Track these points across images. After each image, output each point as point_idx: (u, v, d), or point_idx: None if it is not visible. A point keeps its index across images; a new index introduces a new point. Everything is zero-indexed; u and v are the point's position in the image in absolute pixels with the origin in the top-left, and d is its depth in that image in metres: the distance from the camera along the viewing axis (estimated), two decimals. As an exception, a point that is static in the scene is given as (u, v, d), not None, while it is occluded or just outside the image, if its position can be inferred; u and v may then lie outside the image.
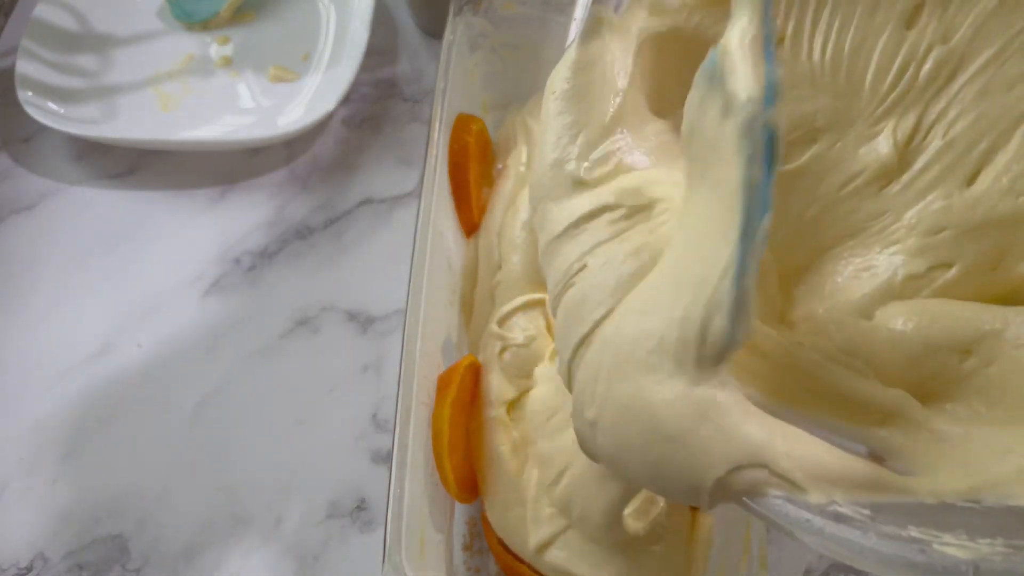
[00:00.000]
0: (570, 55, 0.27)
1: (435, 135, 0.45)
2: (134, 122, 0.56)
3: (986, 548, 0.17)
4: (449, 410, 0.39)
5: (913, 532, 0.18)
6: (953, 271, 0.24)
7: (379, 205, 0.55)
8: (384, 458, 0.46)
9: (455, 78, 0.48)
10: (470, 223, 0.48)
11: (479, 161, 0.47)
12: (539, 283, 0.45)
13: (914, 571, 0.17)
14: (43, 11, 0.59)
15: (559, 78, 0.27)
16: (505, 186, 0.47)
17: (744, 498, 0.20)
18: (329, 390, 0.48)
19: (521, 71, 0.51)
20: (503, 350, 0.43)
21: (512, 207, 0.46)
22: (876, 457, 0.21)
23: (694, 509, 0.39)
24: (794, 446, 0.20)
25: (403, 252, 0.43)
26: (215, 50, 0.61)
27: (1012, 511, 0.18)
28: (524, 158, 0.48)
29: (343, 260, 0.53)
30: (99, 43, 0.60)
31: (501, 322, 0.44)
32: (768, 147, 0.19)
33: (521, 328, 0.43)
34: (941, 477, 0.20)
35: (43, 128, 0.55)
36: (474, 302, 0.46)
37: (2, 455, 0.46)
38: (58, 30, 0.59)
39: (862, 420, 0.22)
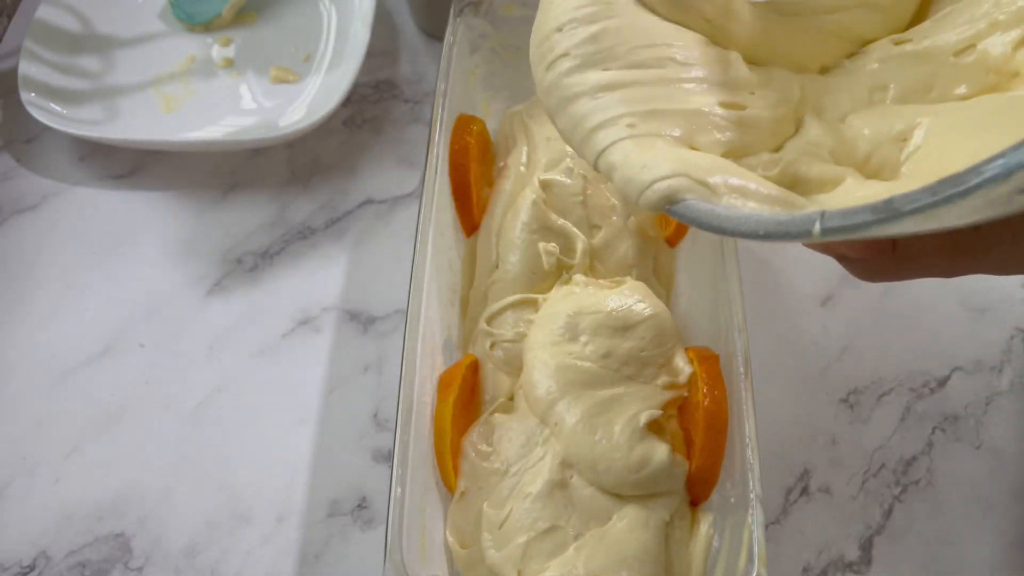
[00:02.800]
0: None
1: (436, 136, 0.45)
2: (136, 123, 0.57)
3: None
4: (451, 409, 0.39)
5: None
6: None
7: (380, 205, 0.56)
8: (385, 457, 0.46)
9: (456, 79, 0.48)
10: (471, 223, 0.48)
11: (479, 161, 0.48)
12: (534, 284, 0.45)
13: (777, 226, 0.21)
14: (45, 12, 0.59)
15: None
16: (504, 186, 0.48)
17: (666, 206, 0.23)
18: (330, 389, 0.48)
19: (521, 72, 0.51)
20: (493, 346, 0.43)
21: (512, 207, 0.47)
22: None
23: (694, 506, 0.39)
24: (720, 164, 0.24)
25: (404, 252, 0.43)
26: (217, 51, 0.61)
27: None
28: (524, 158, 0.48)
29: (344, 260, 0.53)
30: (101, 44, 0.60)
31: (490, 320, 0.44)
32: None
33: (511, 325, 0.43)
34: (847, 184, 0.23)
35: (46, 129, 0.55)
36: (470, 301, 0.47)
37: (4, 454, 0.46)
38: (60, 31, 0.59)
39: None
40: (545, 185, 0.45)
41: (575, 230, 0.45)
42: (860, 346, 0.50)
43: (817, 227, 0.19)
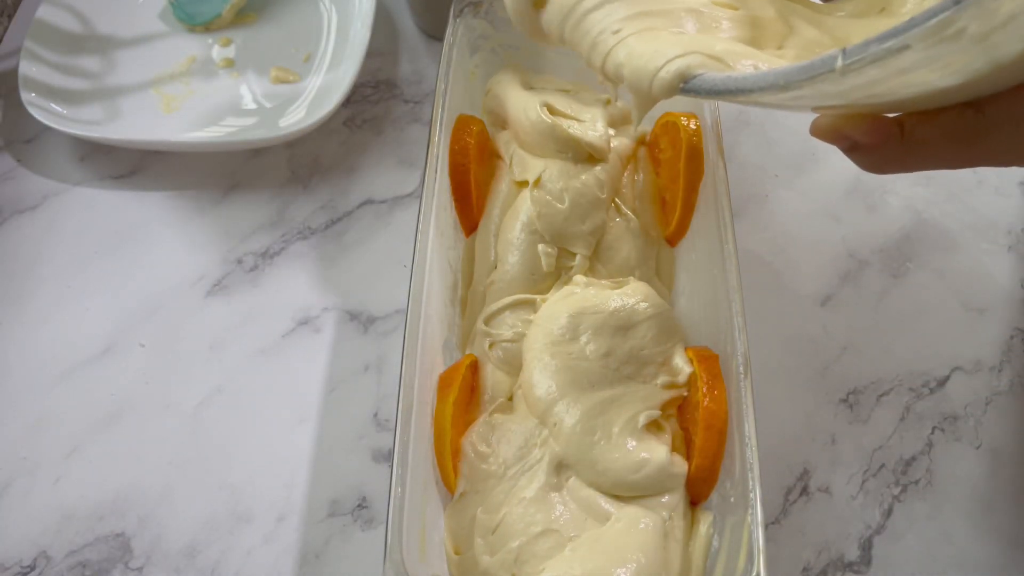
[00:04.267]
0: None
1: (436, 136, 0.45)
2: (137, 123, 0.57)
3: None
4: (451, 409, 0.39)
5: None
6: None
7: (380, 206, 0.56)
8: (385, 457, 0.46)
9: (456, 79, 0.48)
10: (471, 223, 0.48)
11: (479, 162, 0.48)
12: (533, 285, 0.45)
13: (799, 72, 0.20)
14: (46, 13, 0.59)
15: None
16: (501, 186, 0.48)
17: (680, 84, 0.24)
18: (331, 389, 0.48)
19: (531, 74, 0.52)
20: (492, 346, 0.43)
21: (512, 208, 0.47)
22: None
23: (694, 506, 0.40)
24: (733, 48, 0.24)
25: (404, 252, 0.43)
26: (217, 52, 0.61)
27: None
28: (517, 158, 0.48)
29: (344, 260, 0.53)
30: (102, 45, 0.60)
31: (488, 320, 0.44)
32: None
33: (509, 325, 0.44)
34: None
35: (46, 129, 0.55)
36: (468, 301, 0.47)
37: (5, 454, 0.46)
38: (61, 32, 0.59)
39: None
40: (537, 200, 0.45)
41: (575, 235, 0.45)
42: (860, 346, 0.50)
43: (839, 61, 0.19)
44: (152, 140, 0.55)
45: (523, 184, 0.47)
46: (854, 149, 0.26)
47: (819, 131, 0.26)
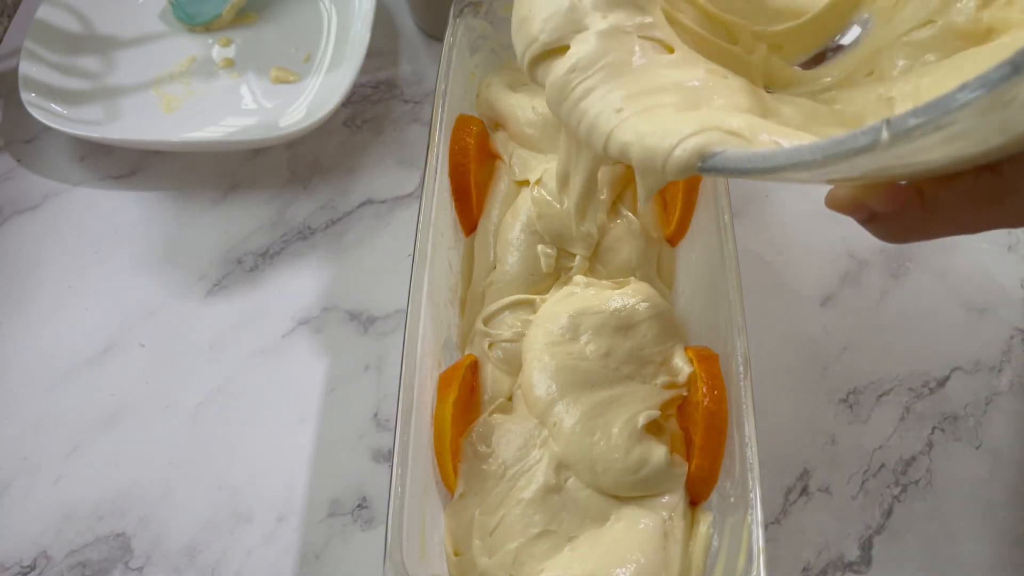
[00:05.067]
0: None
1: (436, 136, 0.45)
2: (137, 123, 0.57)
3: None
4: (451, 409, 0.39)
5: None
6: None
7: (380, 206, 0.56)
8: (385, 457, 0.46)
9: (456, 80, 0.48)
10: (470, 223, 0.48)
11: (479, 162, 0.48)
12: (532, 285, 0.45)
13: (838, 146, 0.19)
14: (46, 13, 0.59)
15: None
16: (500, 186, 0.48)
17: (698, 163, 0.22)
18: (331, 389, 0.48)
19: (521, 72, 0.52)
20: (491, 346, 0.43)
21: (512, 208, 0.47)
22: None
23: (693, 506, 0.40)
24: (741, 119, 0.23)
25: (404, 252, 0.43)
26: (217, 52, 0.61)
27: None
28: (516, 159, 0.48)
29: (344, 260, 0.53)
30: (102, 45, 0.60)
31: (487, 320, 0.44)
32: None
33: (508, 325, 0.44)
34: None
35: (46, 129, 0.55)
36: (467, 301, 0.47)
37: (5, 454, 0.46)
38: (61, 32, 0.59)
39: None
40: (537, 201, 0.45)
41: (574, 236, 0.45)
42: (860, 346, 0.50)
43: (885, 133, 0.17)
44: (152, 140, 0.55)
45: (523, 184, 0.47)
46: (872, 219, 0.26)
47: (836, 203, 0.26)
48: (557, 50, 0.28)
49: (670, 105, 0.25)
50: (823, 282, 0.52)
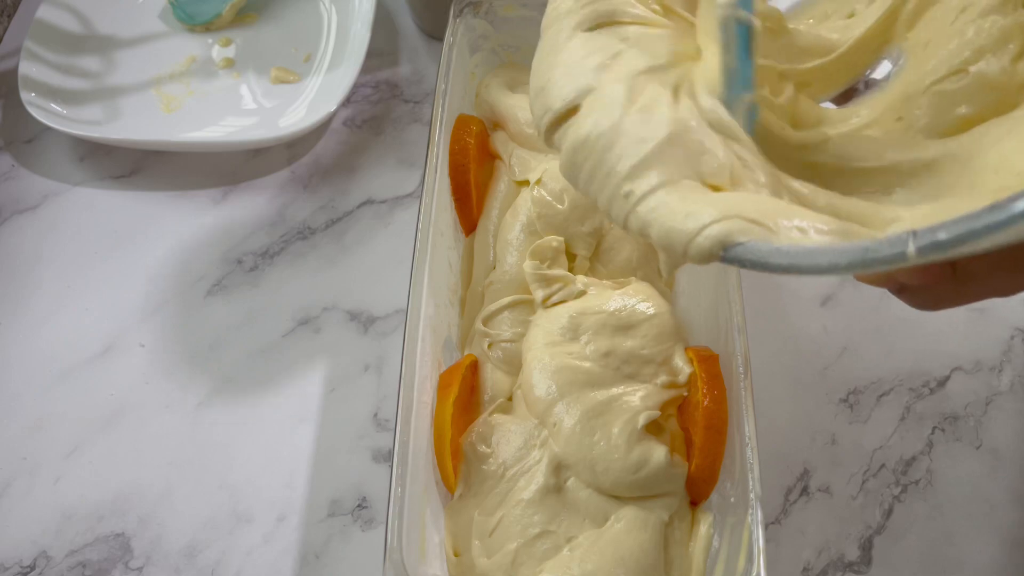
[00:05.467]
0: None
1: (436, 136, 0.45)
2: (137, 123, 0.57)
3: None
4: (451, 409, 0.39)
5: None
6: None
7: (380, 206, 0.56)
8: (385, 457, 0.46)
9: (456, 79, 0.48)
10: (471, 223, 0.48)
11: (479, 162, 0.48)
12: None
13: (863, 254, 0.18)
14: (46, 13, 0.59)
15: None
16: (500, 186, 0.48)
17: (721, 252, 0.21)
18: (331, 389, 0.48)
19: (522, 71, 0.52)
20: (491, 346, 0.43)
21: (512, 208, 0.47)
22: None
23: (694, 506, 0.40)
24: (767, 206, 0.22)
25: (404, 252, 0.43)
26: (217, 52, 0.61)
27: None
28: (515, 159, 0.48)
29: (344, 260, 0.53)
30: (102, 45, 0.60)
31: (486, 321, 0.44)
32: (742, 39, 0.24)
33: (508, 325, 0.44)
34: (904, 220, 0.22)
35: (46, 129, 0.55)
36: (467, 301, 0.47)
37: (5, 454, 0.46)
38: (61, 32, 0.59)
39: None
40: (537, 201, 0.45)
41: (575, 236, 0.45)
42: (860, 346, 0.50)
43: (911, 247, 0.17)
44: (152, 140, 0.55)
45: (523, 184, 0.47)
46: (903, 291, 0.25)
47: (867, 278, 0.25)
48: (571, 111, 0.26)
49: (689, 178, 0.24)
50: (823, 282, 0.52)
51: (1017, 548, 0.44)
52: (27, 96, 0.54)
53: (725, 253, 0.21)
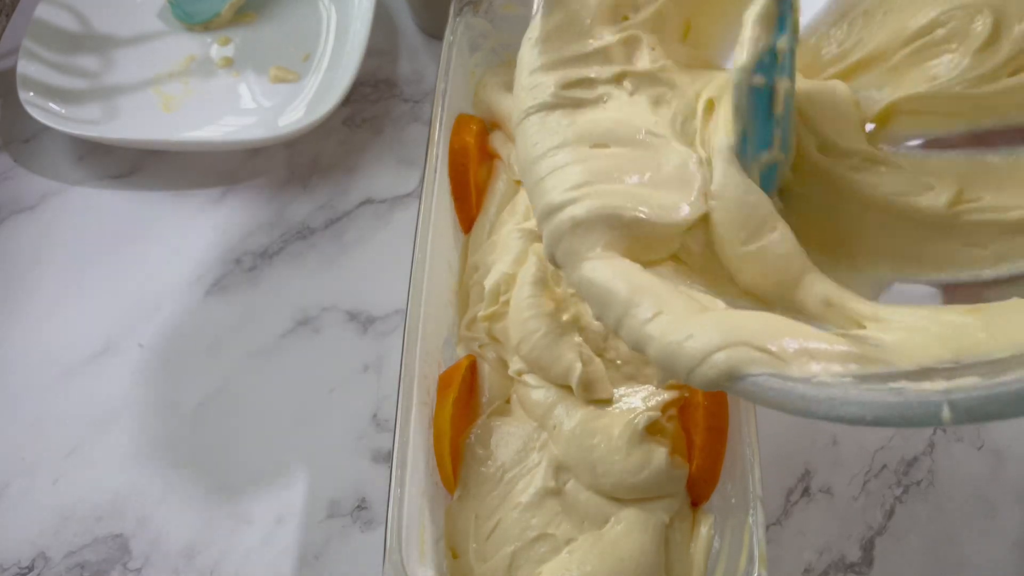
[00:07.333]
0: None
1: (435, 135, 0.45)
2: (135, 123, 0.57)
3: (960, 382, 0.17)
4: (451, 409, 0.39)
5: (892, 385, 0.18)
6: None
7: (380, 205, 0.55)
8: (384, 458, 0.46)
9: (455, 79, 0.48)
10: (470, 223, 0.48)
11: (479, 161, 0.48)
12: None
13: (891, 411, 0.17)
14: (44, 12, 0.59)
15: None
16: (497, 186, 0.47)
17: (727, 384, 0.20)
18: (330, 390, 0.48)
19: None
20: (482, 347, 0.43)
21: (510, 208, 0.46)
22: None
23: (694, 507, 0.39)
24: (771, 325, 0.21)
25: (404, 252, 0.43)
26: (216, 51, 0.61)
27: (989, 362, 0.18)
28: (513, 159, 0.48)
29: (344, 260, 0.53)
30: (100, 44, 0.60)
31: (470, 325, 0.44)
32: (755, 102, 0.24)
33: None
34: (918, 346, 0.20)
35: (44, 128, 0.55)
36: (461, 300, 0.46)
37: (4, 454, 0.46)
38: (59, 31, 0.59)
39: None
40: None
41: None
42: (861, 346, 0.50)
43: (946, 412, 0.16)
44: (151, 140, 0.55)
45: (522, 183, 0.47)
46: None
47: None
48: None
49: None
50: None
51: (1019, 549, 0.44)
52: (25, 95, 0.54)
53: (732, 385, 0.20)
